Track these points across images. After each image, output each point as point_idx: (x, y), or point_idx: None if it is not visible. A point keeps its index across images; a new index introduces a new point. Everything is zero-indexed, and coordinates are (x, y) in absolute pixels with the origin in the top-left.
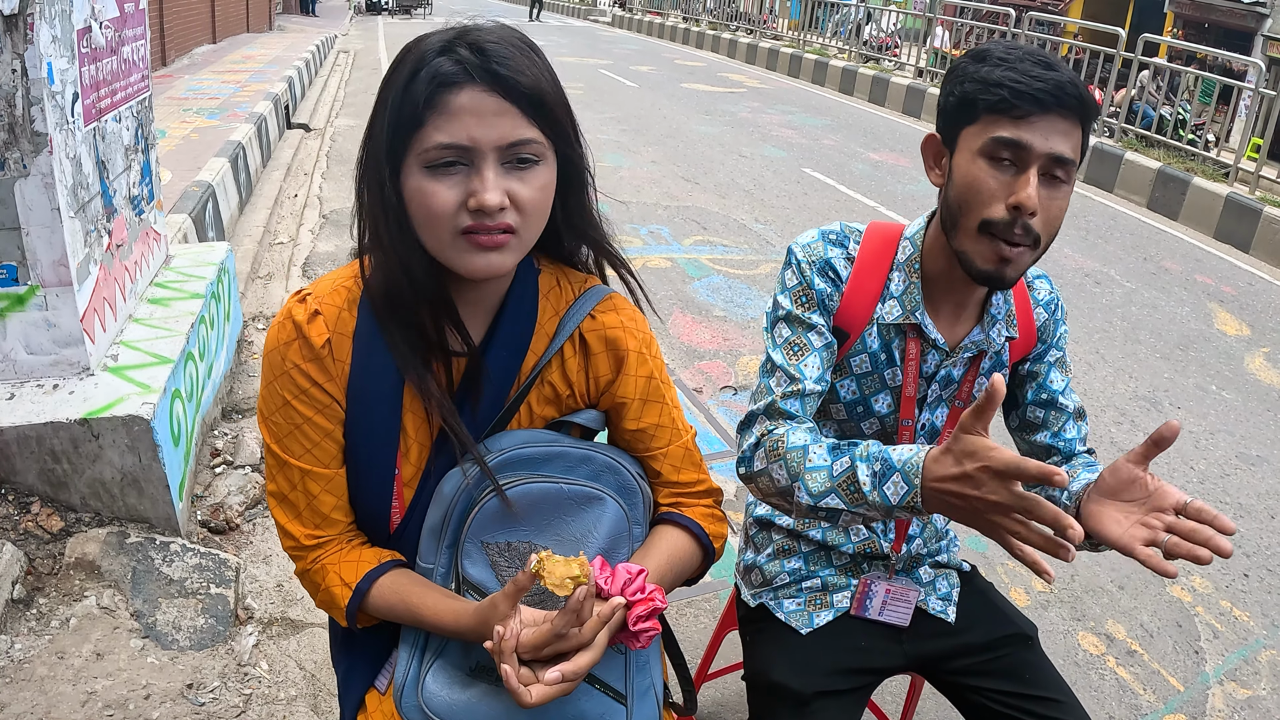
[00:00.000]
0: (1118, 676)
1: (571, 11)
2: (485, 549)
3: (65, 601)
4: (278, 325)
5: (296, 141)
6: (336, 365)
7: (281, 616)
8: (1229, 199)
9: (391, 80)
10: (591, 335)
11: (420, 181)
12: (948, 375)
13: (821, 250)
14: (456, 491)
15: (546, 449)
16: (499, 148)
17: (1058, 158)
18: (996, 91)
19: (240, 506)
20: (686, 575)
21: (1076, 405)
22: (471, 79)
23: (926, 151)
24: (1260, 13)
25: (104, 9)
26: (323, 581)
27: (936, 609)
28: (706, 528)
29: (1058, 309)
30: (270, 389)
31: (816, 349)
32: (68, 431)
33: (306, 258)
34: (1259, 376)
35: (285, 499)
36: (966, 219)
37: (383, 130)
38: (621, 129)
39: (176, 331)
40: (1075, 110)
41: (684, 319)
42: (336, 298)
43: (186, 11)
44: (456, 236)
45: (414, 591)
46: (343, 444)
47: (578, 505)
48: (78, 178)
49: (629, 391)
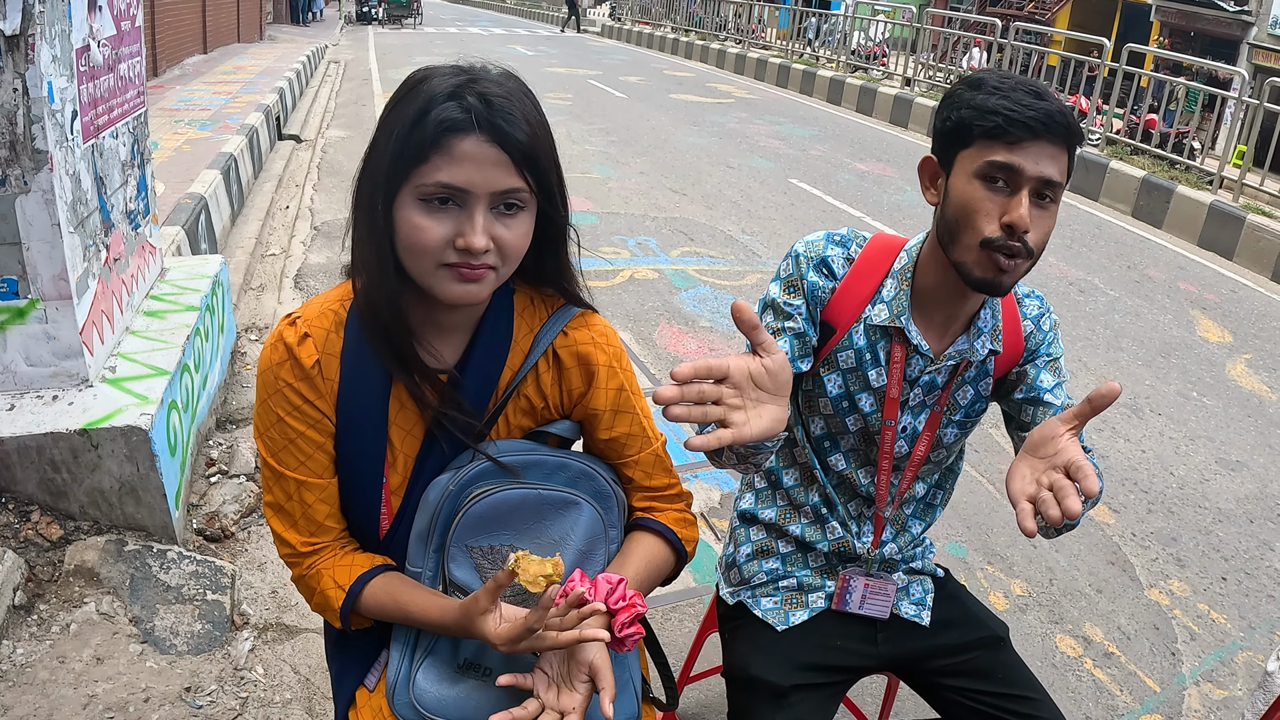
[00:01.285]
0: (1095, 678)
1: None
2: (470, 552)
3: (65, 608)
4: (270, 347)
5: (288, 153)
6: (326, 384)
7: (276, 622)
8: (1213, 207)
9: (399, 110)
10: (564, 351)
11: (413, 213)
12: (930, 381)
13: (822, 249)
14: (441, 498)
15: (525, 457)
16: (491, 193)
17: (1047, 180)
18: (992, 118)
19: (235, 515)
20: (662, 577)
21: (1066, 402)
22: (476, 128)
23: (923, 172)
24: (1245, 21)
25: (102, 28)
26: (318, 585)
27: (910, 613)
28: (679, 532)
29: (1047, 321)
30: (265, 406)
31: (788, 335)
32: (67, 442)
33: (299, 269)
34: (1240, 383)
35: (281, 509)
36: (965, 236)
37: (384, 156)
38: (610, 140)
39: (172, 344)
40: (1063, 137)
41: (670, 329)
42: (324, 320)
43: (178, 22)
44: (440, 267)
45: (403, 591)
46: (334, 455)
47: (555, 510)
48: (77, 194)
49: (600, 403)
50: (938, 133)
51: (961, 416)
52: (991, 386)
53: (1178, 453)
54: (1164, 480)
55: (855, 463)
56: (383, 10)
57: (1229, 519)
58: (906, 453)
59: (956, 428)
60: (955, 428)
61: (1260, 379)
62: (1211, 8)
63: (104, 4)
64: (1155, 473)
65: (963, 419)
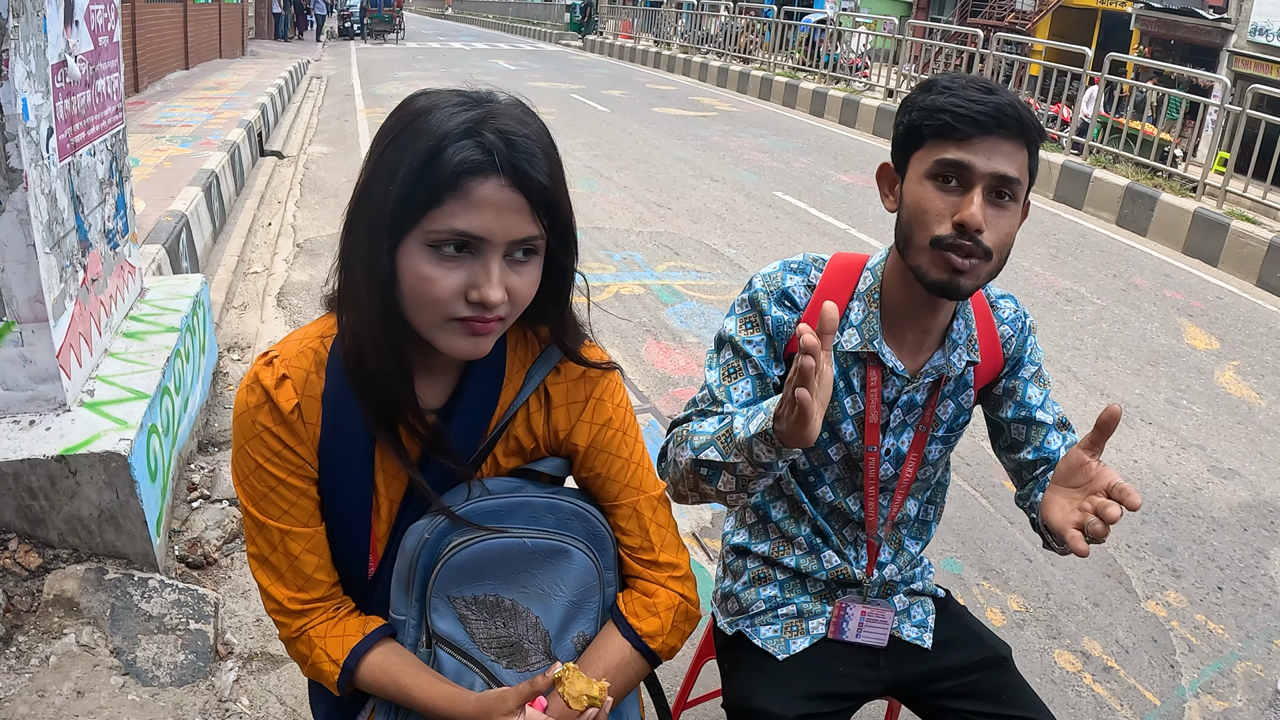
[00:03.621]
0: (1094, 693)
1: (544, 36)
2: (453, 603)
3: (45, 639)
4: (245, 389)
5: (270, 169)
6: (307, 429)
7: (261, 651)
8: (1197, 214)
9: (402, 145)
10: (555, 389)
11: (420, 262)
12: (910, 400)
13: (780, 280)
14: (418, 546)
15: (511, 499)
16: (508, 242)
17: (1002, 176)
18: (939, 116)
19: (218, 541)
20: (632, 686)
21: (1058, 416)
22: (497, 170)
23: (881, 180)
24: (1225, 29)
25: (79, 43)
26: (310, 654)
27: (912, 636)
28: (661, 623)
29: (1024, 325)
30: (242, 452)
31: (750, 376)
32: (44, 468)
33: (281, 287)
34: (1229, 390)
35: (267, 561)
36: (917, 236)
37: (388, 195)
38: (594, 154)
39: (152, 366)
40: (1016, 131)
41: (658, 346)
42: (304, 360)
43: (159, 38)
44: (448, 321)
45: (406, 673)
46: (319, 501)
47: (543, 559)
48: (53, 213)
49: (581, 438)
50: (893, 139)
51: (944, 431)
52: (973, 398)
53: (1169, 462)
54: (1157, 490)
55: (843, 491)
56: (365, 25)
57: (1223, 527)
58: (892, 474)
59: (940, 443)
60: (939, 443)
61: (1249, 385)
62: (1191, 16)
63: (81, 19)
64: (1148, 482)
65: (946, 434)
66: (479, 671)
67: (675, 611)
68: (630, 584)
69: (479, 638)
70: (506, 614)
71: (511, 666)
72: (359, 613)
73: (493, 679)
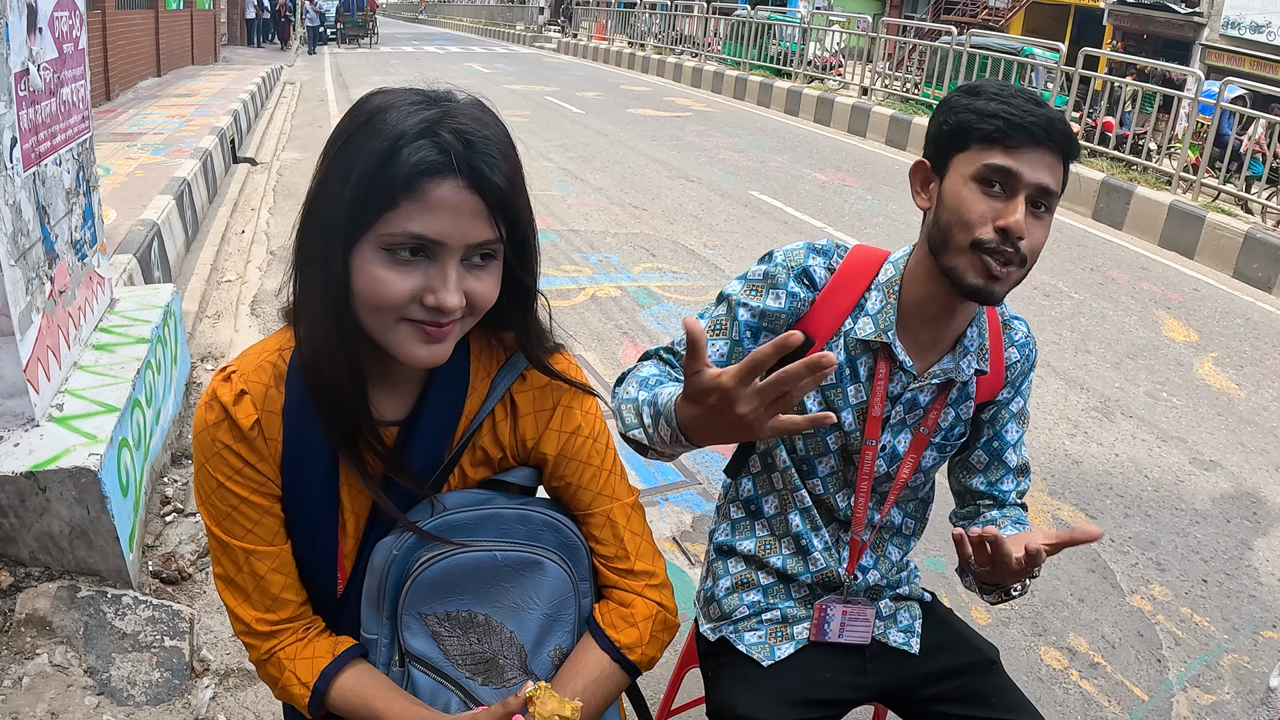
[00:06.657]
0: (1082, 690)
1: (518, 39)
2: (425, 619)
3: (17, 660)
4: (204, 406)
5: (243, 176)
6: (268, 445)
7: (238, 667)
8: (1173, 207)
9: (356, 145)
10: (521, 396)
11: (374, 265)
12: (913, 399)
13: (803, 258)
14: (386, 562)
15: (480, 512)
16: (465, 246)
17: (1043, 188)
18: (992, 121)
19: (192, 555)
20: (611, 700)
21: (1021, 461)
22: (455, 171)
23: (915, 176)
24: (1197, 23)
25: (43, 50)
26: (279, 677)
27: (899, 641)
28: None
29: (1031, 353)
30: (203, 471)
31: (728, 338)
32: (14, 485)
33: (255, 295)
34: (1208, 381)
35: (233, 582)
36: (957, 237)
37: (341, 197)
38: (568, 156)
39: (122, 378)
40: (1061, 145)
41: (635, 349)
42: (262, 374)
43: (131, 45)
44: (400, 322)
45: (378, 695)
46: (283, 518)
47: (515, 571)
48: (18, 225)
49: (550, 447)
50: (933, 137)
51: (941, 439)
52: (972, 410)
53: (1151, 455)
54: (1139, 483)
55: (834, 486)
56: (339, 30)
57: (1206, 520)
58: (884, 473)
59: (936, 450)
60: (935, 450)
61: (1228, 377)
62: (1163, 10)
63: (45, 26)
64: (1130, 476)
65: (942, 441)
66: (455, 689)
67: (654, 621)
68: (606, 594)
69: (453, 655)
70: (480, 629)
71: (488, 683)
72: (329, 633)
73: (469, 697)
